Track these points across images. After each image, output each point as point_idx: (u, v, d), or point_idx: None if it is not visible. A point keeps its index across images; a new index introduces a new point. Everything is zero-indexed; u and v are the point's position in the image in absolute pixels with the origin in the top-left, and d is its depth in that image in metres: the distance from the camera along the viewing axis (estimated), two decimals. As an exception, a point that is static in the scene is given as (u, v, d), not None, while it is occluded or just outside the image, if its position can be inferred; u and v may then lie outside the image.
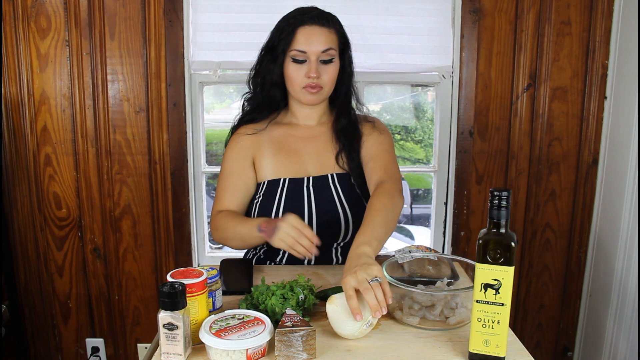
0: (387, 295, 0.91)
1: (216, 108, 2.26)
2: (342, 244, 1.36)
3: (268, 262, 1.40)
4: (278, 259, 1.38)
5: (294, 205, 1.30)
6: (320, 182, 1.34)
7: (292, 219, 1.12)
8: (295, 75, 1.29)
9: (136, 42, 1.88)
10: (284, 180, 1.33)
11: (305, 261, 1.35)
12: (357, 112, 1.45)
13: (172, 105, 1.93)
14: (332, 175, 1.35)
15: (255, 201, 1.36)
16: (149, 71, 1.90)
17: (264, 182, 1.35)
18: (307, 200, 1.31)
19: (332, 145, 1.39)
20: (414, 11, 1.91)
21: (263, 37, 1.38)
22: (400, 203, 1.23)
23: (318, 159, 1.37)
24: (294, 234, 1.11)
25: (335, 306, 0.94)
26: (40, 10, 1.85)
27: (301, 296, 1.01)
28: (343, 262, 1.36)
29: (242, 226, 1.26)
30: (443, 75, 1.95)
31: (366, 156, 1.35)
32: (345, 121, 1.38)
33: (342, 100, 1.40)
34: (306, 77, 1.28)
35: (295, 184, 1.33)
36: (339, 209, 1.32)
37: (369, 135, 1.39)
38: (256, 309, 1.00)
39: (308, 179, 1.34)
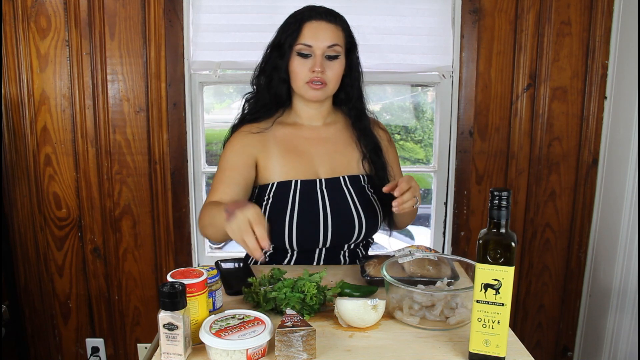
0: None
1: (216, 108, 2.25)
2: (352, 245, 1.35)
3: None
4: (285, 262, 1.35)
5: (309, 208, 1.28)
6: (333, 184, 1.32)
7: (251, 211, 0.98)
8: (300, 70, 1.28)
9: (136, 42, 1.88)
10: (296, 182, 1.30)
11: (315, 262, 1.34)
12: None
13: (172, 105, 1.93)
14: (343, 177, 1.34)
15: (265, 203, 1.31)
16: (149, 71, 1.90)
17: (272, 184, 1.31)
18: (321, 202, 1.29)
19: (347, 149, 1.38)
20: (414, 11, 1.91)
21: (263, 37, 1.37)
22: None
23: (329, 161, 1.35)
24: (244, 229, 0.97)
25: (350, 302, 0.96)
26: (40, 10, 1.85)
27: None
28: (350, 263, 1.36)
29: (215, 209, 1.14)
30: (443, 75, 1.95)
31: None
32: (367, 129, 1.39)
33: (355, 104, 1.40)
34: (310, 72, 1.27)
35: (308, 186, 1.30)
36: (353, 210, 1.30)
37: (387, 148, 1.43)
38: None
39: (320, 180, 1.32)
